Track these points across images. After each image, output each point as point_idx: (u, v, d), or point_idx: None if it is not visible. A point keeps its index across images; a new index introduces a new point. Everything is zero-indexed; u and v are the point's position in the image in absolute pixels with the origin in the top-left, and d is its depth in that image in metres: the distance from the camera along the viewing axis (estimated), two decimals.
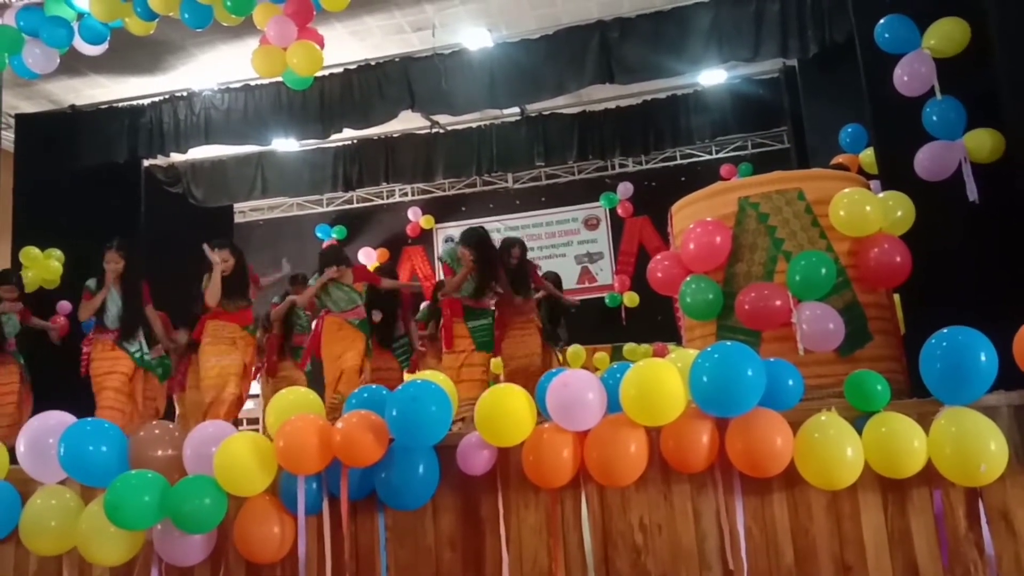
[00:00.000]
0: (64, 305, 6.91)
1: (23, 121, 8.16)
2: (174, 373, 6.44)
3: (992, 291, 3.82)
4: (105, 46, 6.05)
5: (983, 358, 2.65)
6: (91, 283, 5.42)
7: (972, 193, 3.98)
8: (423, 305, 7.54)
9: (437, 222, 11.83)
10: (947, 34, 4.13)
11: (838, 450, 2.69)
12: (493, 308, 5.76)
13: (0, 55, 5.78)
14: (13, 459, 3.38)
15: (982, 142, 4.01)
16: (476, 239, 5.62)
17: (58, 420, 3.26)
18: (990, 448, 2.59)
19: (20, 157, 7.98)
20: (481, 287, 5.53)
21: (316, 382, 5.78)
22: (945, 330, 2.74)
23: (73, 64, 7.17)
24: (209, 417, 4.83)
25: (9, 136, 8.18)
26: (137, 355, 5.38)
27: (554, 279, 6.97)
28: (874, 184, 4.27)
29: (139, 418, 5.35)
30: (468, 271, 5.52)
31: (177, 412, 6.69)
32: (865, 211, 3.52)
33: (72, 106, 8.43)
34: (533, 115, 9.53)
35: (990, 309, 3.39)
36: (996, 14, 3.92)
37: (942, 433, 2.66)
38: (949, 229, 3.99)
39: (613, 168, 11.39)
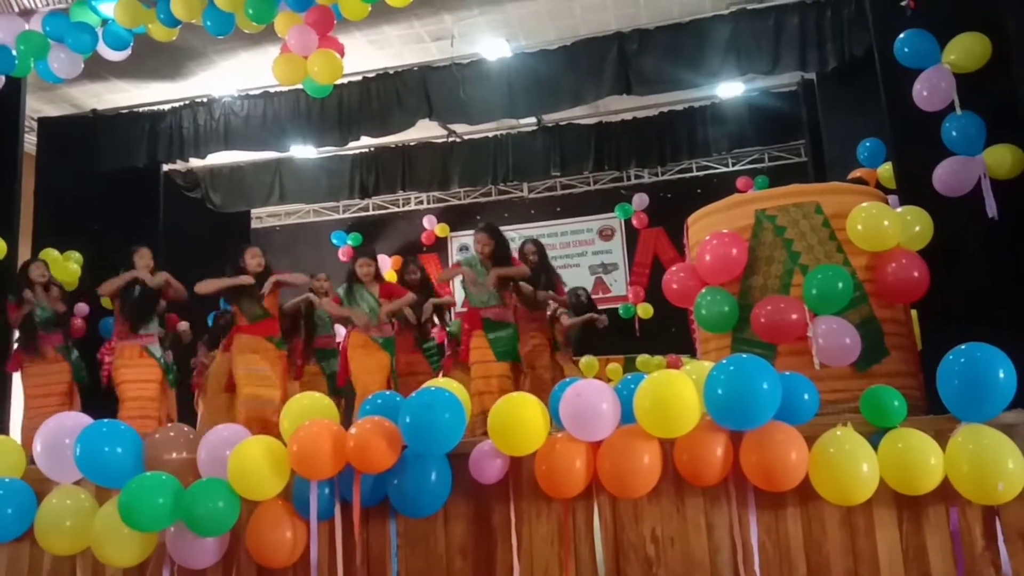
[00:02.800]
0: (81, 307, 6.95)
1: (46, 125, 8.26)
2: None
3: (1010, 307, 3.79)
4: (128, 52, 6.12)
5: (1001, 375, 2.63)
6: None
7: (991, 209, 3.95)
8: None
9: (452, 230, 11.84)
10: (967, 49, 4.11)
11: (853, 465, 2.67)
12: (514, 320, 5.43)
13: (25, 59, 5.85)
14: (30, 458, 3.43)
15: (1002, 158, 3.98)
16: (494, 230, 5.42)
17: (75, 421, 3.30)
18: (1008, 466, 2.57)
19: (42, 160, 8.08)
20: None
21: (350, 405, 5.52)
22: (963, 346, 2.73)
23: (96, 69, 7.23)
24: None
25: (32, 139, 8.26)
26: (162, 361, 5.39)
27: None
28: (892, 199, 4.25)
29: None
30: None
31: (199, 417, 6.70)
32: (883, 226, 3.50)
33: (94, 110, 8.53)
34: (550, 125, 9.53)
35: (1008, 325, 3.38)
36: (1016, 29, 3.90)
37: (959, 450, 2.64)
38: (967, 245, 3.97)
39: (629, 179, 11.36)
